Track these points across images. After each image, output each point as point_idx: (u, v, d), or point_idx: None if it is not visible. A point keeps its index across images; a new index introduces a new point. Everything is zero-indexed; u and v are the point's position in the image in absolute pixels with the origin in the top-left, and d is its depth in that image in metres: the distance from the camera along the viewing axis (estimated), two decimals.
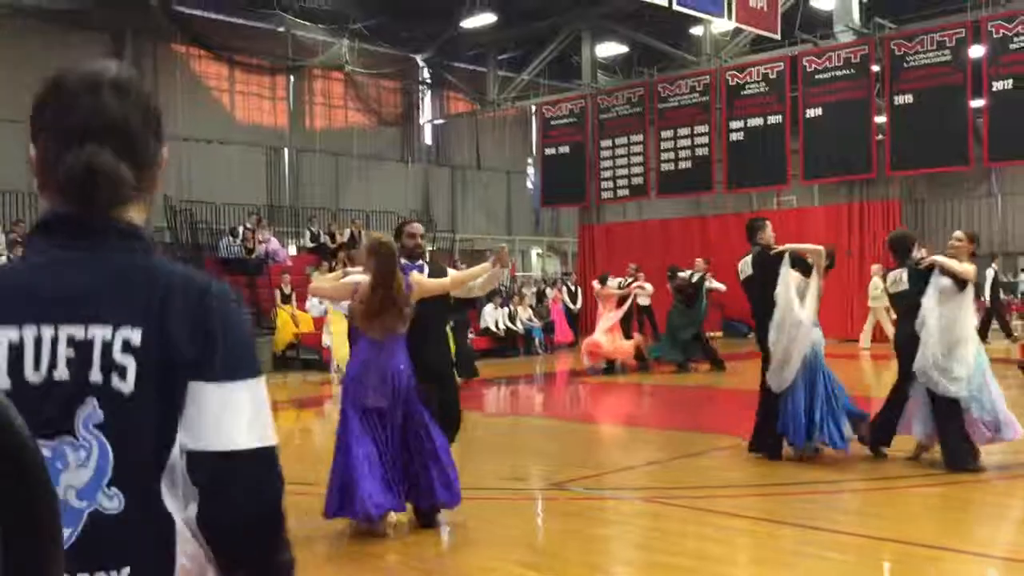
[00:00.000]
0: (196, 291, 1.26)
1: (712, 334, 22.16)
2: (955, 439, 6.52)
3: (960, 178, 28.38)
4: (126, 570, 1.20)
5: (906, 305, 6.94)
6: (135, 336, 1.21)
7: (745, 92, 21.31)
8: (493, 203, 29.36)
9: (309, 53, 24.61)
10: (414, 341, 5.13)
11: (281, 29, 24.03)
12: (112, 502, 1.21)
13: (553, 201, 26.17)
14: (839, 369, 7.53)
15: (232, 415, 1.22)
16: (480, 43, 26.37)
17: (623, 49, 26.07)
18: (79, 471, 1.20)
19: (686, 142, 22.49)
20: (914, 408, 6.80)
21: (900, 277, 7.02)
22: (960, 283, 6.61)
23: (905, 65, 18.81)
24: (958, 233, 7.09)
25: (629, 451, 8.10)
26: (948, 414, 6.52)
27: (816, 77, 20.06)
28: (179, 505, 1.23)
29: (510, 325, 18.69)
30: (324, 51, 24.72)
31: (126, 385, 1.21)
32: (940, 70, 18.36)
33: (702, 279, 14.83)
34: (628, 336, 14.86)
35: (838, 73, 19.74)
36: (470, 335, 15.33)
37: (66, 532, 1.14)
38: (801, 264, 7.13)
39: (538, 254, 29.96)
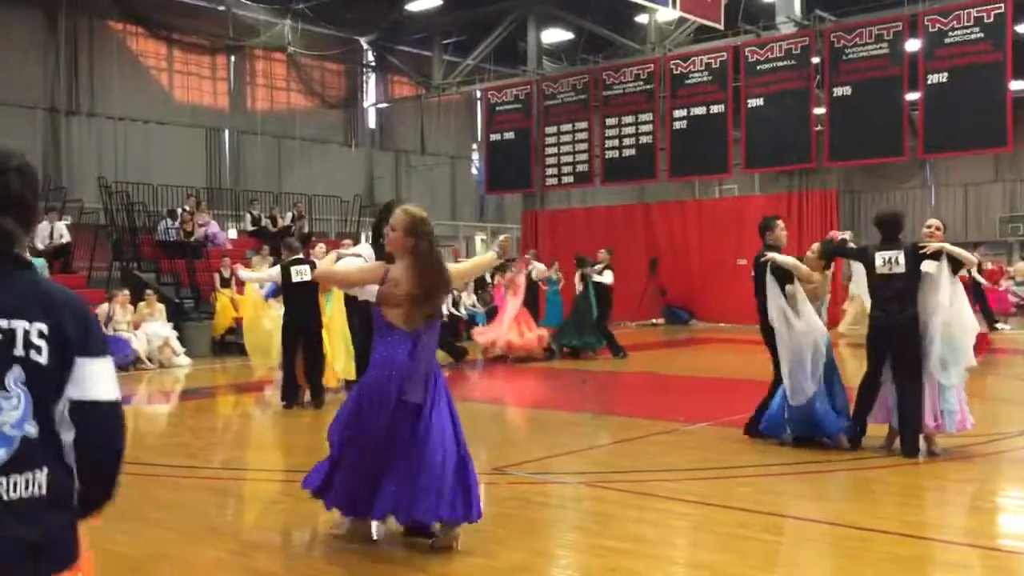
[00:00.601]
0: (74, 301, 1.98)
1: (654, 321, 22.46)
2: (918, 426, 6.63)
3: (895, 169, 29.05)
4: (45, 470, 1.89)
5: (899, 288, 6.69)
6: (45, 328, 1.90)
7: (689, 81, 21.49)
8: (438, 188, 29.20)
9: (250, 33, 24.18)
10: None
11: (221, 8, 23.55)
12: (33, 430, 1.88)
13: (498, 187, 26.13)
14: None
15: (100, 378, 1.95)
16: (425, 27, 26.17)
17: (568, 36, 26.09)
18: (11, 412, 1.86)
19: (630, 130, 22.63)
20: (890, 394, 6.76)
21: (896, 259, 6.70)
22: (955, 271, 6.64)
23: (844, 57, 19.14)
24: (935, 221, 7.02)
25: (570, 436, 8.12)
26: (917, 401, 6.59)
27: (758, 68, 20.31)
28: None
29: (453, 311, 18.63)
30: (266, 31, 24.32)
31: (42, 359, 1.89)
32: (878, 62, 18.73)
33: (585, 272, 14.65)
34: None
35: (779, 64, 20.02)
36: None
37: (4, 450, 1.85)
38: (779, 273, 6.98)
39: (482, 240, 29.93)
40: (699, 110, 21.33)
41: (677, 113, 21.65)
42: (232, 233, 21.36)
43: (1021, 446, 7.20)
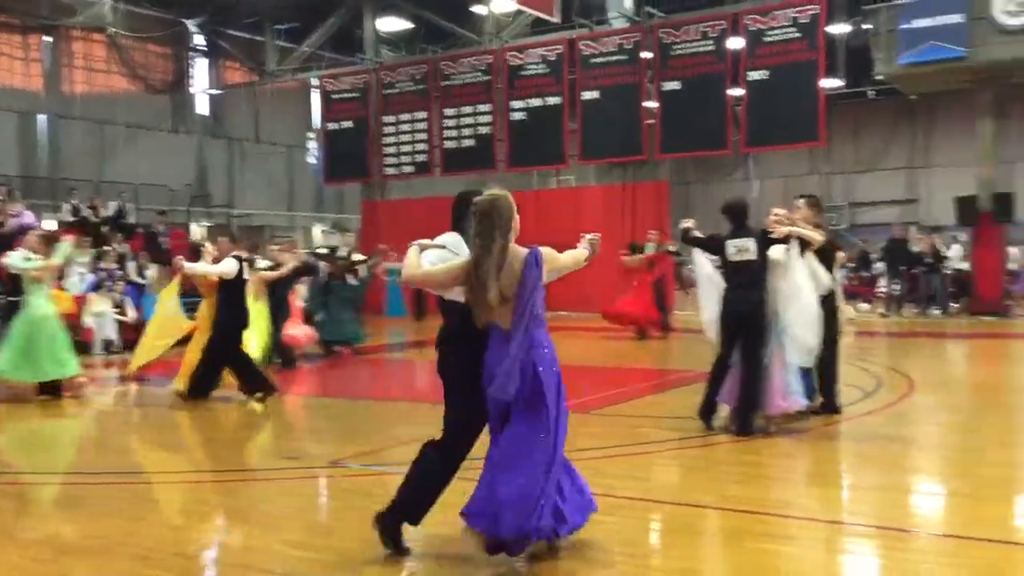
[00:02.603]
0: None
1: None
2: (754, 406, 6.93)
3: (722, 162, 30.42)
4: None
5: (751, 274, 6.92)
6: None
7: (525, 73, 21.74)
8: (274, 178, 28.47)
9: (67, 12, 22.76)
10: None
11: None
12: None
13: (336, 177, 25.68)
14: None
15: None
16: (257, 11, 25.39)
17: (407, 25, 25.94)
18: None
19: (469, 120, 22.70)
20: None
21: (747, 246, 6.95)
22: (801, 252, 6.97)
23: (672, 53, 19.83)
24: (781, 211, 7.33)
25: (410, 426, 8.06)
26: (755, 382, 6.87)
27: (592, 61, 20.77)
28: None
29: None
30: (84, 11, 22.94)
31: None
32: (704, 59, 19.51)
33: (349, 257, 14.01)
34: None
35: (612, 58, 20.54)
36: None
37: None
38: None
39: (323, 231, 29.38)
40: (536, 102, 21.63)
41: (515, 104, 21.88)
42: (50, 224, 20.07)
43: (835, 422, 7.64)
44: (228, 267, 9.34)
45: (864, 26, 18.83)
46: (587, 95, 20.86)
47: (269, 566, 4.26)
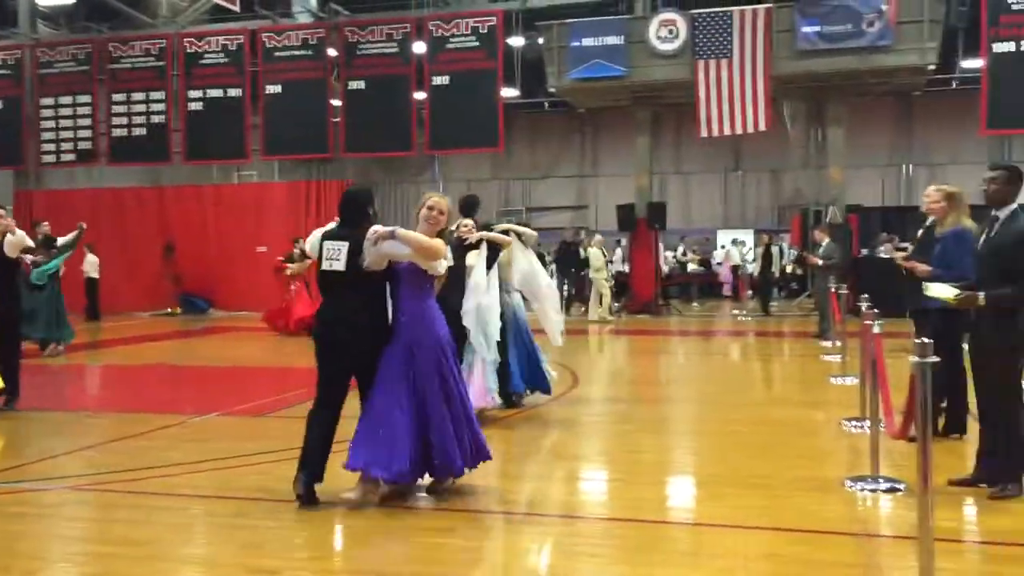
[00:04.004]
0: None
1: (169, 310, 21.36)
2: None
3: (409, 163, 30.88)
4: None
5: (452, 280, 6.83)
6: None
7: (204, 61, 20.76)
8: None
9: None
10: None
11: None
12: None
13: None
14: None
15: None
16: None
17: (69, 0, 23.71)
18: None
19: (141, 107, 21.33)
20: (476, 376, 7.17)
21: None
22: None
23: (358, 52, 19.84)
24: (469, 221, 7.64)
25: (62, 437, 7.35)
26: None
27: (275, 54, 20.26)
28: None
29: None
30: None
31: None
32: (389, 60, 19.71)
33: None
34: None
35: (296, 53, 20.17)
36: None
37: None
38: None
39: None
40: (216, 92, 20.72)
41: (192, 94, 20.82)
42: None
43: (510, 415, 7.94)
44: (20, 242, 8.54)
45: (539, 40, 19.90)
46: (270, 88, 20.31)
47: None
